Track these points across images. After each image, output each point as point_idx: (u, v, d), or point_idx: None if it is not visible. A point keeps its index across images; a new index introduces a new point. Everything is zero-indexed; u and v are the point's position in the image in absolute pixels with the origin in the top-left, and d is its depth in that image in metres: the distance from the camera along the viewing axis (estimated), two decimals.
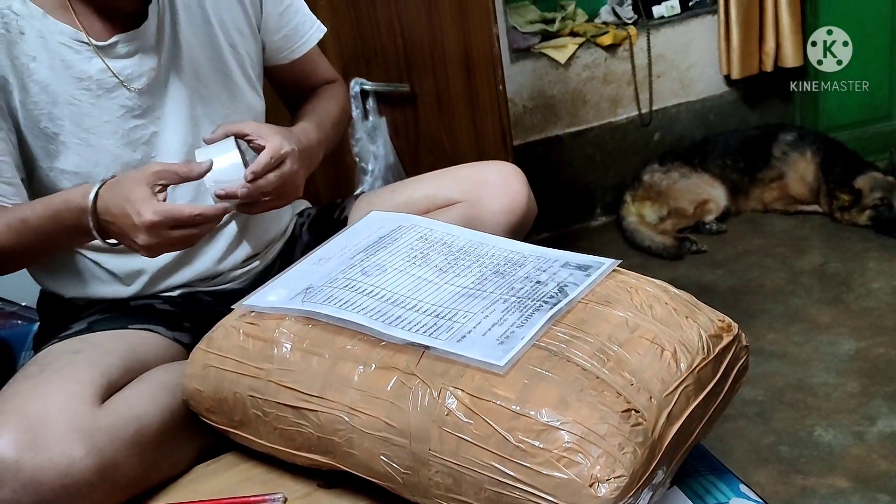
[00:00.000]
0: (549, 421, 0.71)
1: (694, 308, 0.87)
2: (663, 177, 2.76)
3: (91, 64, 1.03)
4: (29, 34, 1.00)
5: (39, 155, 1.04)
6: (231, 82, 1.16)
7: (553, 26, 2.71)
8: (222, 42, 1.15)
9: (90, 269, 1.12)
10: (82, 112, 1.04)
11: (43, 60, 1.01)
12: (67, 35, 1.02)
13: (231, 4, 1.16)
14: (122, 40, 1.05)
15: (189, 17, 1.11)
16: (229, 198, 1.02)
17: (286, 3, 1.23)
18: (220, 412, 0.92)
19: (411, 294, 0.89)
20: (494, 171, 1.23)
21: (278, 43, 1.24)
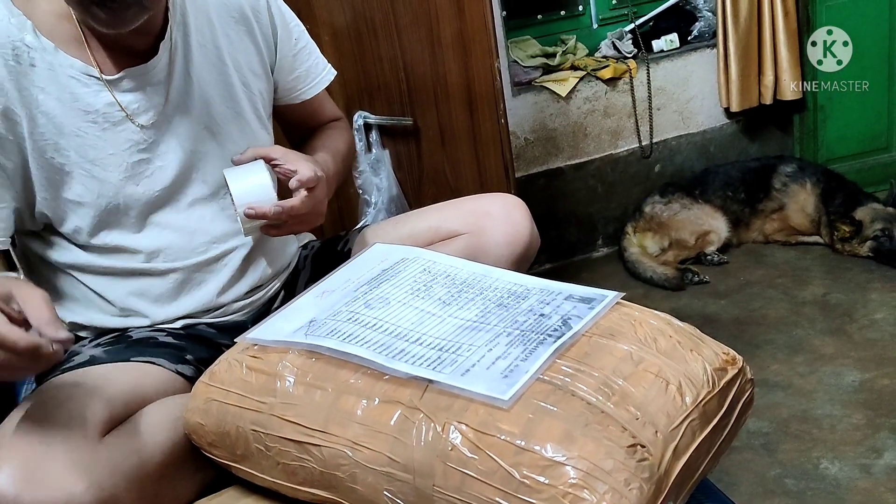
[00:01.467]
0: (554, 456, 0.71)
1: (698, 341, 0.87)
2: (664, 208, 2.77)
3: (99, 97, 1.05)
4: (39, 66, 1.02)
5: (43, 185, 1.05)
6: (242, 120, 1.17)
7: (554, 60, 2.74)
8: (235, 81, 1.16)
9: (89, 297, 1.13)
10: (88, 144, 1.05)
11: (52, 92, 1.02)
12: (77, 69, 1.03)
13: (245, 45, 1.18)
14: (128, 75, 1.06)
15: (203, 56, 1.13)
16: (259, 217, 1.04)
17: (300, 45, 1.26)
18: (223, 446, 0.91)
19: (415, 327, 0.89)
20: (497, 203, 1.24)
21: (291, 83, 1.27)
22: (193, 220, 1.13)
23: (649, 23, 2.84)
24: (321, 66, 1.30)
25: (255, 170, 1.08)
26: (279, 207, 1.05)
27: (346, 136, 1.36)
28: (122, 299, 1.12)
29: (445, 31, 1.96)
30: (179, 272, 1.13)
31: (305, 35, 1.28)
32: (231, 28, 1.17)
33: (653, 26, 2.84)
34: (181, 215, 1.12)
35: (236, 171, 1.08)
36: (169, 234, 1.12)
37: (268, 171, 1.08)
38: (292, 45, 1.25)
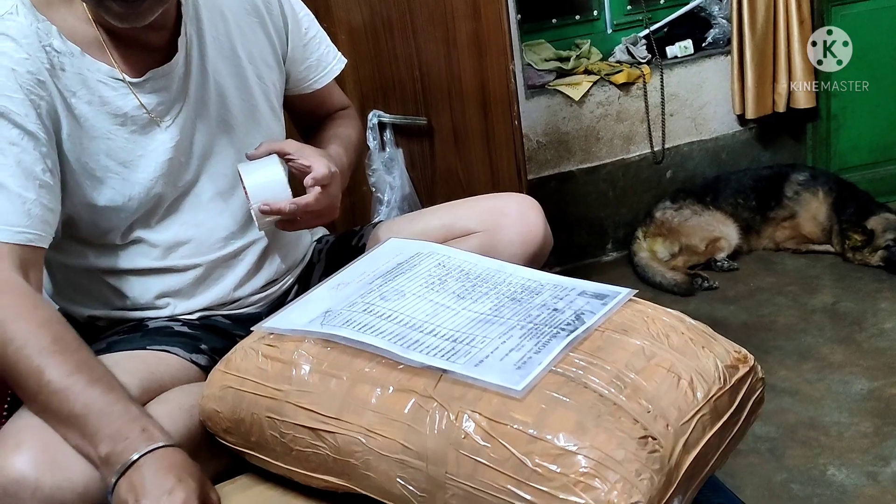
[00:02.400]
0: (566, 445, 0.72)
1: (710, 338, 0.88)
2: (675, 214, 2.77)
3: (126, 101, 1.05)
4: (69, 71, 1.02)
5: (74, 189, 1.05)
6: (257, 112, 1.19)
7: (568, 64, 2.76)
8: (249, 73, 1.17)
9: (107, 294, 1.14)
10: (118, 147, 1.06)
11: (82, 96, 1.03)
12: (104, 73, 1.04)
13: (257, 37, 1.19)
14: (153, 76, 1.07)
15: (217, 49, 1.14)
16: (274, 213, 1.05)
17: (310, 35, 1.27)
18: (238, 433, 0.93)
19: (429, 319, 0.90)
20: (512, 202, 1.25)
21: (303, 73, 1.28)
22: (212, 215, 1.14)
23: (664, 29, 2.85)
24: (332, 54, 1.31)
25: (270, 165, 1.09)
26: (294, 205, 1.06)
27: (356, 124, 1.37)
28: (141, 296, 1.14)
29: (461, 31, 1.98)
30: (199, 268, 1.14)
31: (315, 24, 1.29)
32: (243, 20, 1.18)
33: (667, 32, 2.85)
34: (200, 211, 1.14)
35: (251, 167, 1.09)
36: (189, 229, 1.13)
37: (282, 167, 1.09)
38: (302, 34, 1.25)
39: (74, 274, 1.14)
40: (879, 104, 2.82)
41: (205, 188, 1.14)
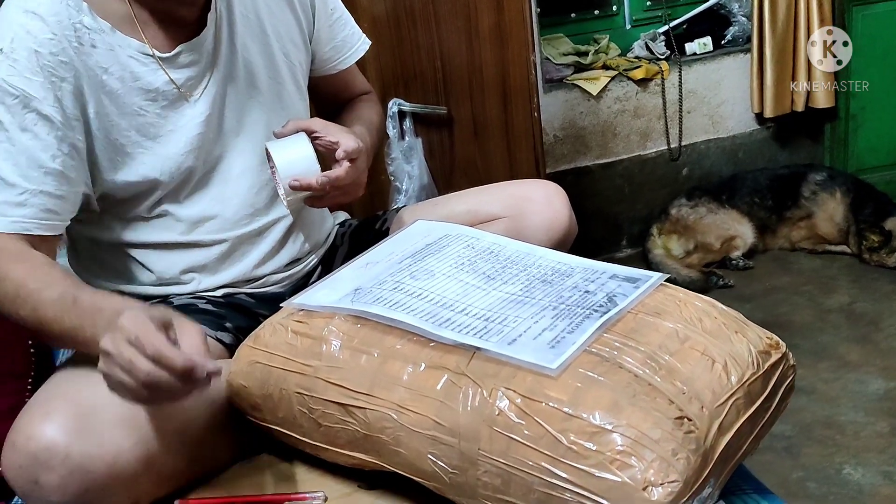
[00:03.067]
0: (602, 423, 0.71)
1: (742, 324, 0.88)
2: (690, 211, 2.76)
3: (157, 76, 1.05)
4: (100, 47, 1.02)
5: (105, 166, 1.05)
6: (283, 90, 1.19)
7: (586, 59, 2.75)
8: (276, 51, 1.18)
9: (132, 269, 1.14)
10: (148, 122, 1.06)
11: (114, 73, 1.03)
12: (134, 48, 1.04)
13: (285, 16, 1.19)
14: (184, 50, 1.07)
15: (246, 26, 1.14)
16: (304, 189, 1.05)
17: (336, 15, 1.27)
18: (265, 409, 0.92)
19: (460, 298, 0.90)
20: (538, 188, 1.25)
21: (328, 54, 1.28)
22: (239, 190, 1.14)
23: (683, 25, 2.84)
24: (356, 36, 1.31)
25: (298, 142, 1.09)
26: (325, 178, 1.06)
27: (378, 108, 1.37)
28: (166, 271, 1.14)
29: (483, 22, 1.97)
30: (224, 244, 1.14)
31: (341, 6, 1.29)
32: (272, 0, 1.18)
33: (686, 29, 2.84)
34: (228, 186, 1.14)
35: (279, 144, 1.09)
36: (216, 205, 1.13)
37: (310, 144, 1.09)
38: (329, 14, 1.26)
39: (100, 249, 1.14)
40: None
41: (233, 163, 1.13)
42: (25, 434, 0.83)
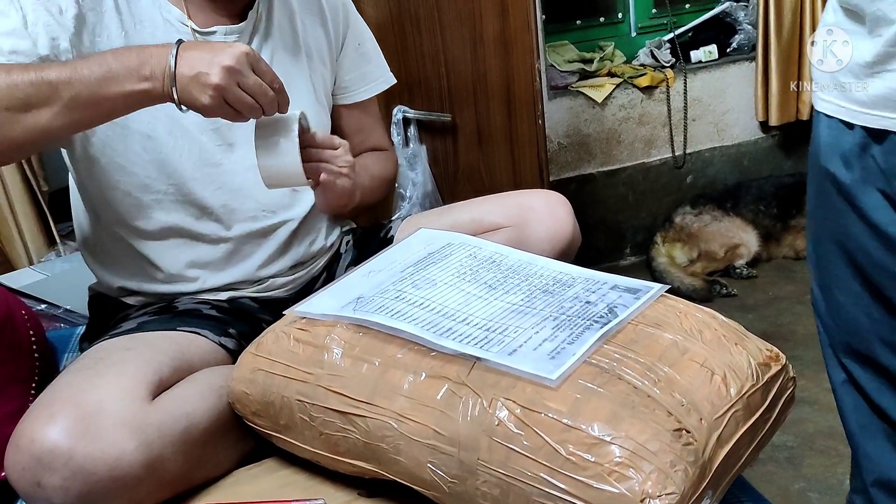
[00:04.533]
0: (600, 435, 0.72)
1: (742, 336, 0.88)
2: (695, 219, 2.76)
3: None
4: (144, 4, 1.09)
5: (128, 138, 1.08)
6: (305, 101, 1.21)
7: (591, 66, 2.75)
8: (304, 64, 1.23)
9: (140, 263, 1.16)
10: None
11: (146, 27, 1.09)
12: (175, 17, 1.10)
13: (318, 33, 1.25)
14: (221, 31, 1.13)
15: (280, 35, 1.20)
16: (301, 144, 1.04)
17: (363, 48, 1.32)
18: (266, 416, 0.93)
19: (461, 308, 0.90)
20: (541, 198, 1.25)
21: (347, 82, 1.32)
22: (248, 185, 1.15)
23: (688, 33, 2.84)
24: (379, 72, 1.35)
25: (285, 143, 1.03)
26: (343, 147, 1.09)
27: (387, 163, 1.37)
28: (173, 265, 1.15)
29: (488, 29, 1.98)
30: (231, 242, 1.16)
31: (371, 42, 1.34)
32: (307, 16, 1.24)
33: (692, 37, 2.84)
34: (238, 177, 1.15)
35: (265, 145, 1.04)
36: (224, 194, 1.15)
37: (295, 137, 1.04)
38: (356, 44, 1.31)
39: (109, 241, 1.16)
40: None
41: (246, 156, 1.15)
42: (28, 436, 0.84)
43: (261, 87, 0.95)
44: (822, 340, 1.06)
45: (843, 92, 0.90)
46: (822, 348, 1.07)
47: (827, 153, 0.93)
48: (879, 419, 1.01)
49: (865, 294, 0.96)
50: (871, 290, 0.95)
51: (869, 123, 0.88)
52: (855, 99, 0.88)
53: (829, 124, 0.93)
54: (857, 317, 0.97)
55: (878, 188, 0.89)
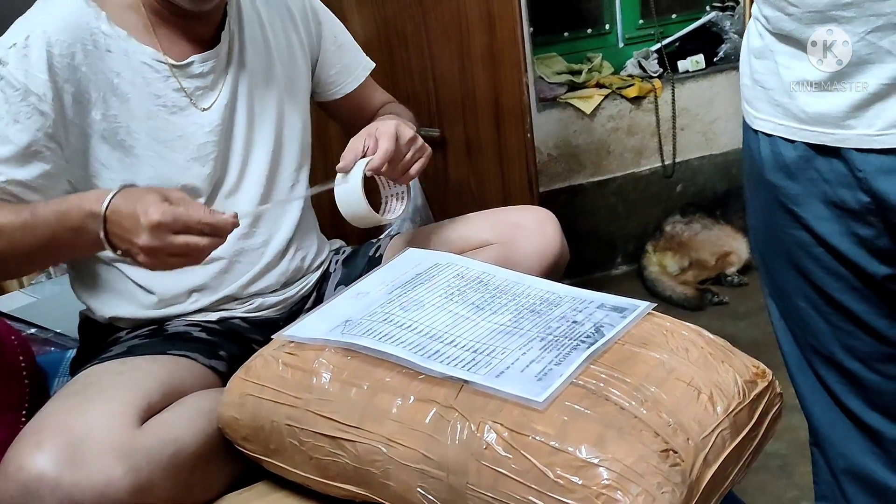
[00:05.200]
0: (587, 457, 0.72)
1: (729, 353, 0.88)
2: (685, 228, 2.77)
3: (168, 83, 1.11)
4: (115, 52, 1.08)
5: (114, 167, 1.10)
6: (281, 107, 1.24)
7: (579, 77, 2.77)
8: (279, 73, 1.24)
9: (132, 290, 1.16)
10: (158, 126, 1.11)
11: (126, 77, 1.09)
12: (148, 55, 1.10)
13: (290, 41, 1.27)
14: (197, 60, 1.13)
15: (254, 48, 1.21)
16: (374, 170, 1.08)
17: (339, 42, 1.35)
18: (256, 440, 0.93)
19: (449, 329, 0.90)
20: (529, 215, 1.26)
21: (332, 78, 1.35)
22: (239, 205, 1.17)
23: (675, 43, 2.86)
24: (359, 59, 1.39)
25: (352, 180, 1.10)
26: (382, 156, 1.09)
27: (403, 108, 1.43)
28: (166, 289, 1.16)
29: (475, 44, 1.99)
30: (223, 260, 1.17)
31: (344, 34, 1.37)
32: (277, 24, 1.25)
33: (679, 47, 2.86)
34: (227, 201, 1.17)
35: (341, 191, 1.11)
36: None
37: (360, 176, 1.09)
38: (332, 41, 1.34)
39: (99, 268, 1.16)
40: None
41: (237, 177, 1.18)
42: (16, 464, 0.84)
43: (187, 245, 0.91)
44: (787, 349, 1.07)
45: (782, 111, 0.91)
46: (784, 359, 1.08)
47: (770, 167, 0.94)
48: (848, 419, 1.02)
49: (821, 301, 0.97)
50: (825, 298, 0.96)
51: (810, 140, 0.89)
52: (794, 116, 0.89)
53: (769, 142, 0.94)
54: (817, 322, 0.98)
55: (822, 200, 0.90)
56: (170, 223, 0.89)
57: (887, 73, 0.81)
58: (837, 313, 0.96)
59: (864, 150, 0.84)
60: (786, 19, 0.86)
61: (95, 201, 0.94)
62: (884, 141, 0.82)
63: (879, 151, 0.83)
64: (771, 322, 1.09)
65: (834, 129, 0.85)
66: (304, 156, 1.30)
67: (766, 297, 1.09)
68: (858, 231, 0.89)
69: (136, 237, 0.90)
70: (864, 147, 0.84)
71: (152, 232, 0.89)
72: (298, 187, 1.28)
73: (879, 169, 0.84)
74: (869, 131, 0.83)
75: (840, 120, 0.85)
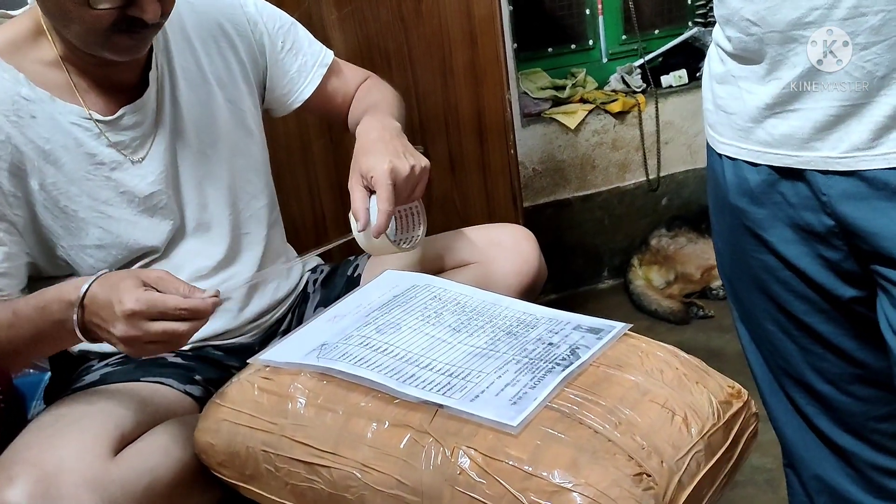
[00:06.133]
0: (561, 482, 0.72)
1: (704, 374, 0.88)
2: (670, 241, 2.78)
3: (100, 140, 1.06)
4: (40, 117, 1.02)
5: (60, 234, 1.06)
6: (231, 138, 1.19)
7: (563, 93, 2.78)
8: (220, 100, 1.18)
9: None
10: (97, 186, 1.07)
11: (57, 141, 1.04)
12: (76, 114, 1.05)
13: (228, 61, 1.19)
14: (127, 112, 1.08)
15: (187, 79, 1.14)
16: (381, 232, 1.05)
17: (286, 47, 1.25)
18: (232, 466, 0.92)
19: (425, 353, 0.90)
20: (507, 233, 1.26)
21: (287, 87, 1.27)
22: (213, 242, 1.15)
23: (658, 58, 2.87)
24: (311, 61, 1.27)
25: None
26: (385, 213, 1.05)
27: (382, 87, 1.33)
28: None
29: (458, 61, 2.00)
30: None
31: (291, 34, 1.25)
32: (212, 47, 1.18)
33: (662, 62, 2.88)
34: (195, 238, 1.14)
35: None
36: (175, 260, 1.13)
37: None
38: (278, 51, 1.24)
39: None
40: None
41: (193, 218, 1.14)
42: None
43: (164, 332, 0.87)
44: (758, 372, 1.07)
45: (745, 135, 0.91)
46: (756, 381, 1.08)
47: (735, 192, 0.94)
48: (821, 441, 1.02)
49: (789, 324, 0.97)
50: (793, 321, 0.96)
51: (774, 162, 0.89)
52: (758, 140, 0.89)
53: (733, 165, 0.94)
54: (786, 345, 0.99)
55: (788, 223, 0.90)
56: (144, 311, 0.85)
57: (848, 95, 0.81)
58: (806, 336, 0.96)
59: (828, 172, 0.84)
60: (748, 40, 0.86)
61: (74, 290, 0.89)
62: (847, 163, 0.82)
63: (843, 174, 0.83)
64: (741, 344, 1.09)
65: (798, 152, 0.86)
66: (267, 181, 1.25)
67: (734, 321, 1.09)
68: (824, 254, 0.89)
69: (112, 327, 0.86)
70: (827, 169, 0.84)
71: (128, 321, 0.85)
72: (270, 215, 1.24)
73: (843, 193, 0.84)
74: (833, 153, 0.83)
75: (804, 142, 0.85)
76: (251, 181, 1.22)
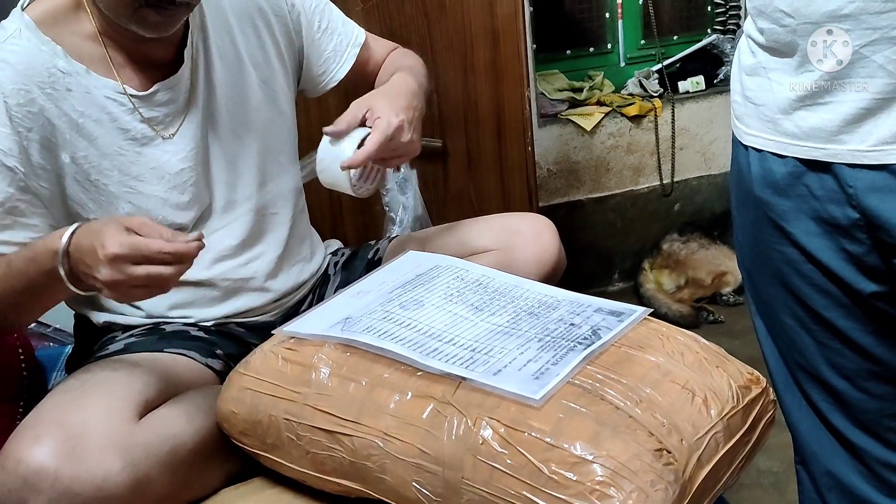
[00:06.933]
0: (582, 454, 0.73)
1: (724, 359, 0.90)
2: (682, 247, 2.79)
3: (133, 115, 1.07)
4: (75, 91, 1.04)
5: (91, 207, 1.07)
6: (262, 119, 1.20)
7: (581, 95, 2.79)
8: (254, 80, 1.19)
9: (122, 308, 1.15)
10: (129, 161, 1.08)
11: (90, 115, 1.05)
12: (111, 88, 1.06)
13: (263, 42, 1.20)
14: (161, 88, 1.08)
15: (222, 58, 1.15)
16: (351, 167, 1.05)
17: (322, 27, 1.26)
18: (254, 435, 0.94)
19: (448, 329, 0.91)
20: (527, 221, 1.27)
21: (323, 66, 1.28)
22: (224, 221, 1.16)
23: (676, 64, 2.89)
24: (345, 41, 1.29)
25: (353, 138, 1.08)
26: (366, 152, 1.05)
27: (408, 57, 1.34)
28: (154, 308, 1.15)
29: (479, 58, 2.01)
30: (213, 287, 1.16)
31: (326, 15, 1.28)
32: (248, 26, 1.19)
33: (679, 68, 2.89)
34: (223, 217, 1.16)
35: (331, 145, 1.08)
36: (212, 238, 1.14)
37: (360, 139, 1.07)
38: (314, 31, 1.26)
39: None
40: None
41: (222, 197, 1.16)
42: (15, 457, 0.84)
43: (149, 276, 0.86)
44: (773, 366, 1.07)
45: (773, 126, 0.91)
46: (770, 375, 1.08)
47: (760, 183, 0.95)
48: (834, 437, 1.02)
49: (808, 318, 0.97)
50: (812, 314, 0.96)
51: (801, 154, 0.89)
52: (785, 132, 0.90)
53: (759, 157, 0.94)
54: (803, 339, 0.99)
55: (812, 216, 0.91)
56: (127, 254, 0.85)
57: (880, 88, 0.82)
58: (824, 330, 0.96)
59: (855, 165, 0.85)
60: (781, 31, 0.87)
61: (59, 238, 0.90)
62: (875, 157, 0.83)
63: (870, 167, 0.84)
64: (757, 339, 1.10)
65: (825, 144, 0.86)
66: (294, 162, 1.27)
67: (752, 314, 1.09)
68: (847, 247, 0.90)
69: (97, 272, 0.86)
70: (855, 162, 0.84)
71: (111, 265, 0.85)
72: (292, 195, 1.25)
73: (870, 186, 0.84)
74: (861, 147, 0.83)
75: (832, 135, 0.85)
76: (280, 162, 1.23)
